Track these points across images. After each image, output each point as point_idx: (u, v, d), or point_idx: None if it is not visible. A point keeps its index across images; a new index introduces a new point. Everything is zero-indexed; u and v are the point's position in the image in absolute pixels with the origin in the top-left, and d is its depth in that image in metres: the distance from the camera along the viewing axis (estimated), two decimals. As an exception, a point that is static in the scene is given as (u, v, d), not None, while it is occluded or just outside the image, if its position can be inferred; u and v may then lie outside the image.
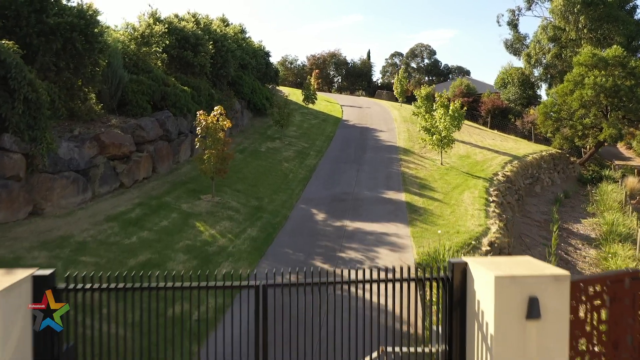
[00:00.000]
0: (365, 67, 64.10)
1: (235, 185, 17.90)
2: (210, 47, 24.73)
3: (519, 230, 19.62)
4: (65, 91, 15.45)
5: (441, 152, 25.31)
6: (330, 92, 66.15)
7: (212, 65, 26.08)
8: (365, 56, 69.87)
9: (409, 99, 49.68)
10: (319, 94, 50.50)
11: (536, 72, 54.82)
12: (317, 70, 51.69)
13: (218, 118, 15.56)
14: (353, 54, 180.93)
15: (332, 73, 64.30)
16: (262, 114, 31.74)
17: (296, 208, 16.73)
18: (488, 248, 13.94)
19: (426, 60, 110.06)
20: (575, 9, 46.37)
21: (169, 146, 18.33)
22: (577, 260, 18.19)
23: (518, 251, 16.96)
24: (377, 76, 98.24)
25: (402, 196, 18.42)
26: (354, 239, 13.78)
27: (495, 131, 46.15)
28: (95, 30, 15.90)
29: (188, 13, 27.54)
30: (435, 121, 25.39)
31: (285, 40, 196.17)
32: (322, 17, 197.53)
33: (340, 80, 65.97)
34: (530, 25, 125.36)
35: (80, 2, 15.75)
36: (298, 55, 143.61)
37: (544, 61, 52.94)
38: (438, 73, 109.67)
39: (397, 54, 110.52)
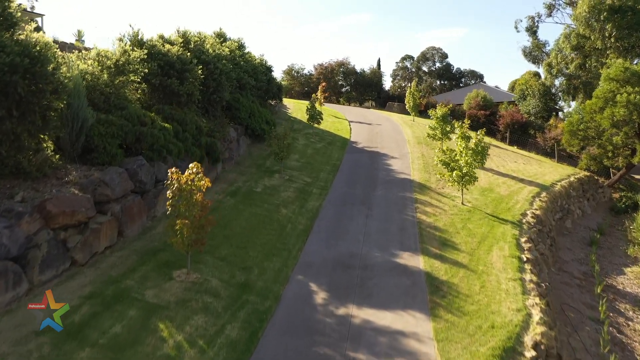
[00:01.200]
0: (375, 77, 60.92)
1: (220, 249, 14.95)
2: (200, 71, 21.84)
3: (559, 298, 16.49)
4: (8, 144, 12.62)
5: (462, 190, 22.21)
6: (338, 102, 63.12)
7: (203, 91, 23.22)
8: (375, 65, 66.79)
9: (422, 111, 46.49)
10: (326, 107, 47.53)
11: (557, 82, 51.46)
12: (323, 83, 48.63)
13: (194, 178, 12.62)
14: (363, 63, 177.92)
15: (340, 82, 61.17)
16: (262, 139, 28.80)
17: (291, 281, 13.75)
18: (533, 354, 10.86)
19: (438, 64, 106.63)
20: (601, 16, 42.87)
21: (142, 201, 15.44)
22: (634, 340, 15.03)
23: (563, 335, 13.85)
24: (387, 81, 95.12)
25: (420, 261, 15.36)
26: (360, 342, 10.78)
27: (515, 148, 42.96)
28: (48, 67, 13.08)
29: (177, 31, 24.66)
30: (455, 154, 22.31)
31: (294, 39, 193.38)
32: (331, 16, 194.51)
33: (349, 90, 62.87)
34: (550, 32, 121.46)
35: (28, 36, 12.91)
36: (305, 64, 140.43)
37: (566, 71, 49.50)
38: (450, 77, 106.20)
39: (408, 57, 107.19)
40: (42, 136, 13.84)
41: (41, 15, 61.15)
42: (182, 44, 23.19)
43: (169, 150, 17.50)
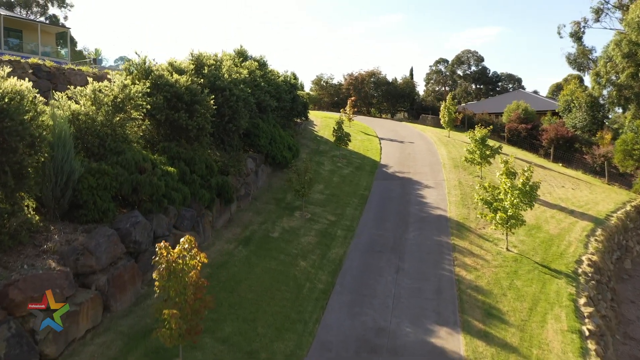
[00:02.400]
0: (407, 87, 58.00)
1: (223, 325, 12.77)
2: (214, 99, 19.81)
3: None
4: (-27, 212, 10.79)
5: (506, 234, 19.48)
6: (369, 112, 60.48)
7: (217, 120, 21.22)
8: (407, 74, 63.89)
9: (452, 121, 43.48)
10: (356, 121, 45.11)
11: (605, 93, 47.58)
12: (353, 98, 46.17)
13: (185, 255, 10.46)
14: (394, 69, 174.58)
15: (371, 92, 58.56)
16: (284, 167, 26.63)
17: (305, 373, 11.47)
18: None
19: (473, 67, 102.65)
20: (657, 22, 39.19)
21: (135, 265, 13.42)
22: None
23: None
24: (420, 85, 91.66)
25: (460, 343, 12.81)
26: None
27: (560, 166, 39.67)
28: (23, 118, 11.21)
29: (191, 54, 22.74)
30: (499, 192, 19.60)
31: (325, 41, 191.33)
32: (363, 17, 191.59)
33: (379, 101, 60.19)
34: (597, 38, 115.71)
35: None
36: (334, 73, 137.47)
37: (617, 81, 45.58)
38: (486, 81, 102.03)
39: (442, 61, 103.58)
40: (19, 195, 11.99)
41: (67, 29, 60.98)
42: (194, 70, 21.22)
43: (171, 199, 15.46)
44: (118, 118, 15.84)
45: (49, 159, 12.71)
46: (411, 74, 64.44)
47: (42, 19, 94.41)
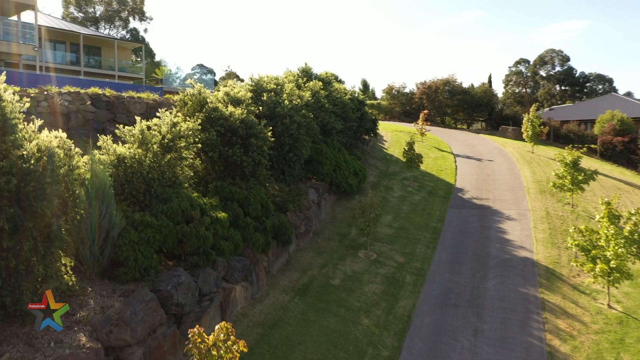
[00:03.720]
0: (485, 96, 54.20)
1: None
2: (272, 130, 18.39)
3: None
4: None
5: (608, 287, 16.49)
6: (443, 122, 57.21)
7: (277, 149, 19.86)
8: (484, 80, 59.93)
9: (536, 135, 39.58)
10: (429, 134, 42.42)
11: None
12: (426, 111, 43.49)
13: (221, 345, 8.90)
14: (471, 75, 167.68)
15: (446, 101, 55.34)
16: (350, 195, 24.83)
17: None
18: None
19: (558, 68, 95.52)
20: None
21: (177, 332, 12.11)
22: None
23: None
24: (499, 89, 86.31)
25: None
26: None
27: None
28: (52, 177, 10.21)
29: (251, 79, 21.52)
30: (599, 238, 16.66)
31: (400, 41, 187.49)
32: (439, 15, 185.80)
33: (455, 110, 56.81)
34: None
35: (20, 139, 10.13)
36: (406, 82, 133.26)
37: None
38: (572, 82, 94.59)
39: (523, 61, 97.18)
40: (52, 257, 11.02)
41: (142, 44, 62.65)
42: (252, 98, 19.96)
43: (220, 250, 14.11)
44: (168, 158, 14.75)
45: (87, 215, 11.70)
46: (489, 81, 60.45)
47: (124, 32, 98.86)
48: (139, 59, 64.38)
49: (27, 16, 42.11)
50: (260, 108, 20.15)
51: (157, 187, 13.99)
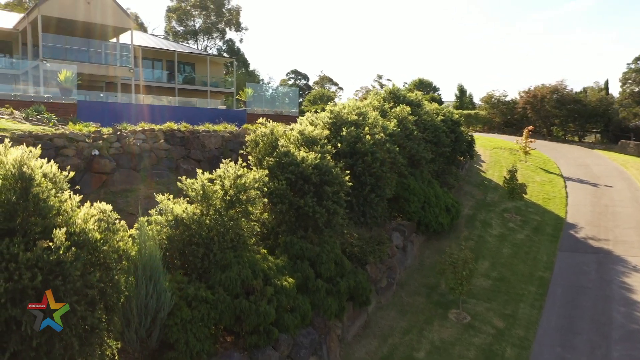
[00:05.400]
0: (601, 105, 48.05)
1: None
2: (351, 170, 16.37)
3: None
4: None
5: None
6: (550, 135, 51.65)
7: (357, 189, 17.86)
8: (597, 80, 53.17)
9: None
10: (534, 151, 38.03)
11: None
12: (530, 127, 39.07)
13: None
14: (583, 77, 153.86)
15: (552, 111, 49.88)
16: (441, 235, 22.16)
17: None
18: None
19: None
20: None
21: None
22: None
23: None
24: (615, 89, 77.14)
25: None
26: None
27: None
28: (83, 269, 9.00)
29: (330, 112, 19.67)
30: None
31: (499, 39, 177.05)
32: (543, 6, 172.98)
33: (564, 121, 51.09)
34: None
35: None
36: (507, 89, 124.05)
37: None
38: None
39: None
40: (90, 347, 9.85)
41: (233, 59, 63.41)
42: (330, 134, 18.11)
43: (284, 325, 12.34)
44: (231, 213, 13.28)
45: (133, 294, 10.45)
46: (606, 88, 53.72)
47: (221, 43, 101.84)
48: (230, 73, 65.32)
49: (124, 37, 43.66)
50: (339, 145, 18.23)
51: (216, 250, 12.53)
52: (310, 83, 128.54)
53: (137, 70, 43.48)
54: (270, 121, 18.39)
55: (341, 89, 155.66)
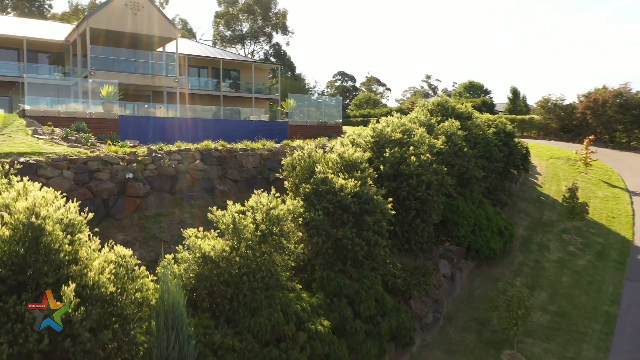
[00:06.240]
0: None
1: None
2: (390, 205, 15.10)
3: None
4: None
5: None
6: (612, 142, 48.23)
7: (401, 214, 16.67)
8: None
9: None
10: (596, 161, 35.36)
11: None
12: (592, 137, 36.40)
13: None
14: None
15: (616, 117, 46.53)
16: (492, 261, 20.55)
17: None
18: None
19: None
20: None
21: None
22: None
23: None
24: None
25: None
26: None
27: None
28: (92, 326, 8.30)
29: (373, 130, 18.50)
30: None
31: (562, 28, 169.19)
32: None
33: (629, 127, 47.59)
34: None
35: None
36: (565, 93, 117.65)
37: None
38: None
39: None
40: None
41: (278, 65, 63.19)
42: (371, 159, 16.96)
43: (318, 380, 11.33)
44: (264, 249, 12.40)
45: (153, 346, 9.69)
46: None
47: (267, 47, 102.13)
48: (276, 78, 65.04)
49: (170, 47, 43.91)
50: (382, 167, 17.05)
51: (246, 290, 11.66)
52: (357, 84, 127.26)
53: (182, 79, 43.67)
54: (309, 142, 17.43)
55: (389, 89, 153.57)
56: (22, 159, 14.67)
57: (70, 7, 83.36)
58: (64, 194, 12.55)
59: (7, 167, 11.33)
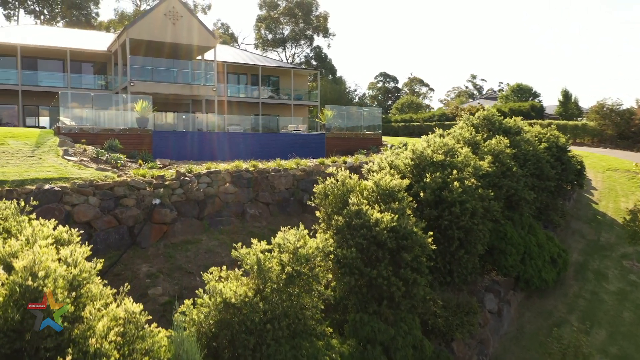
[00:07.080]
0: None
1: None
2: (430, 240, 13.79)
3: None
4: None
5: None
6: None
7: (441, 247, 15.38)
8: None
9: None
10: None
11: None
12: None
13: None
14: None
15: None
16: (544, 292, 18.87)
17: None
18: None
19: None
20: None
21: None
22: None
23: None
24: None
25: None
26: None
27: None
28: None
29: (413, 152, 17.22)
30: None
31: (610, 24, 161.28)
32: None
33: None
34: None
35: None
36: (622, 98, 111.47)
37: None
38: None
39: None
40: None
41: (317, 70, 62.31)
42: (410, 184, 15.70)
43: None
44: (291, 291, 11.44)
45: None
46: None
47: (308, 50, 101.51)
48: (315, 83, 64.22)
49: (208, 55, 43.73)
50: (422, 194, 15.77)
51: (270, 340, 10.69)
52: (400, 85, 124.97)
53: (220, 87, 43.42)
54: (344, 162, 16.34)
55: (432, 89, 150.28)
56: (47, 186, 14.27)
57: (115, 14, 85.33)
58: (89, 221, 11.76)
59: (22, 203, 10.75)
